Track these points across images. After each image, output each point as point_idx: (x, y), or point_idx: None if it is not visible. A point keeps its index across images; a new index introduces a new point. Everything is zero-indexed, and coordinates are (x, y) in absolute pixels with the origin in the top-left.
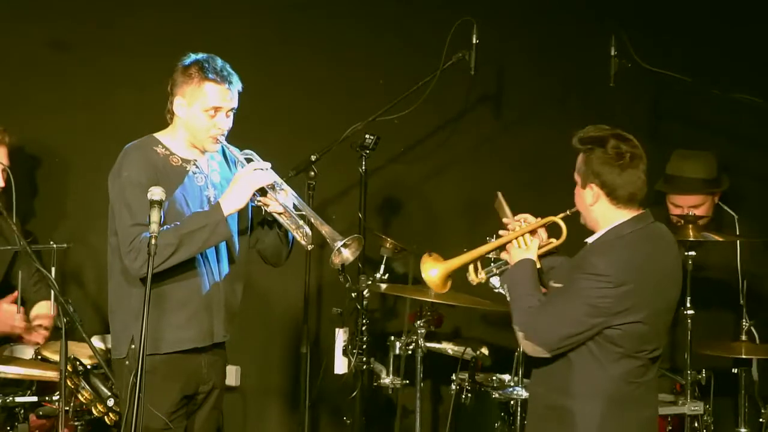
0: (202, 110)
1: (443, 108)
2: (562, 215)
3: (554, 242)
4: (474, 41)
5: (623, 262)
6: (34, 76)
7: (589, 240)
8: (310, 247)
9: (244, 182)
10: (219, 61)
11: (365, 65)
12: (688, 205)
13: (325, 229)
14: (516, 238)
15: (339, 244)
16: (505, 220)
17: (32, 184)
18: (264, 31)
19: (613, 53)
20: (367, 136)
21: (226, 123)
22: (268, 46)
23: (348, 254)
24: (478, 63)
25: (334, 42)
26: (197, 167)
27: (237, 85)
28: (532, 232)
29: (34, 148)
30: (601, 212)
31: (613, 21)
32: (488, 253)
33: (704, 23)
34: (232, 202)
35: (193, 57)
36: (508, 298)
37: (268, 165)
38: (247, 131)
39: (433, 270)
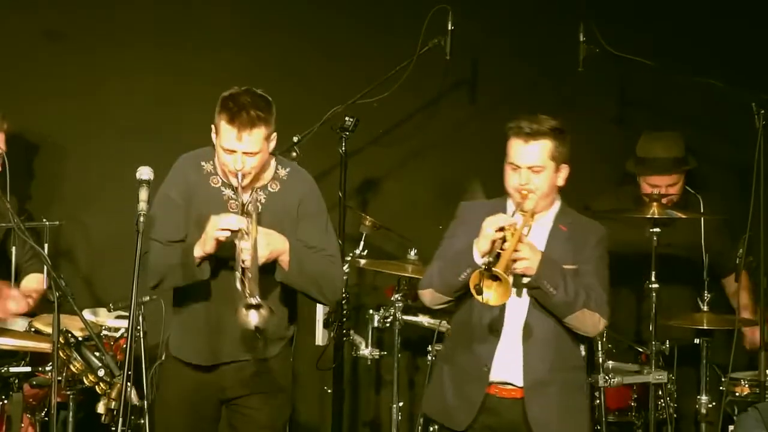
0: (220, 145)
1: (420, 92)
2: (529, 203)
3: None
4: (449, 28)
5: None
6: (30, 65)
7: (550, 219)
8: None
9: (210, 229)
10: (245, 102)
11: (345, 50)
12: (666, 184)
13: (250, 286)
14: (517, 244)
15: (252, 301)
16: (489, 233)
17: (29, 167)
18: (248, 18)
19: (581, 39)
20: (347, 118)
21: (243, 163)
22: (252, 32)
23: (254, 320)
24: (453, 49)
25: (315, 27)
26: (234, 193)
27: (255, 131)
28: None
29: (31, 133)
30: (556, 192)
31: (582, 8)
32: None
33: (670, 9)
34: (201, 247)
35: (235, 89)
36: (555, 296)
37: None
38: None
39: (489, 292)
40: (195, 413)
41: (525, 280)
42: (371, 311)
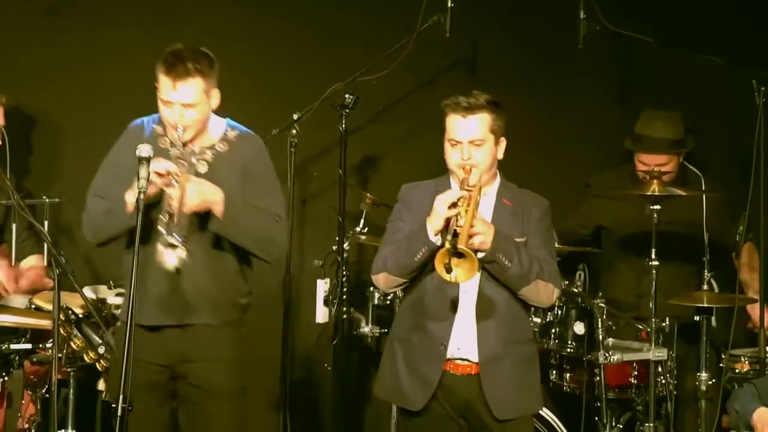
0: (159, 99)
1: (420, 69)
2: (473, 177)
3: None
4: (449, 5)
5: None
6: (29, 42)
7: (493, 194)
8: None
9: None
10: (182, 52)
11: (345, 28)
12: (655, 163)
13: (170, 226)
14: (473, 219)
15: (171, 240)
16: (442, 210)
17: (28, 143)
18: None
19: (582, 16)
20: (347, 96)
21: (180, 116)
22: (252, 9)
23: (171, 259)
24: (452, 26)
25: (315, 4)
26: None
27: (191, 81)
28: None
29: (29, 109)
30: (497, 165)
31: None
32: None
33: None
34: (132, 192)
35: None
36: (510, 269)
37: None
38: (231, 92)
39: (456, 270)
40: (143, 376)
41: (480, 254)
42: (371, 289)
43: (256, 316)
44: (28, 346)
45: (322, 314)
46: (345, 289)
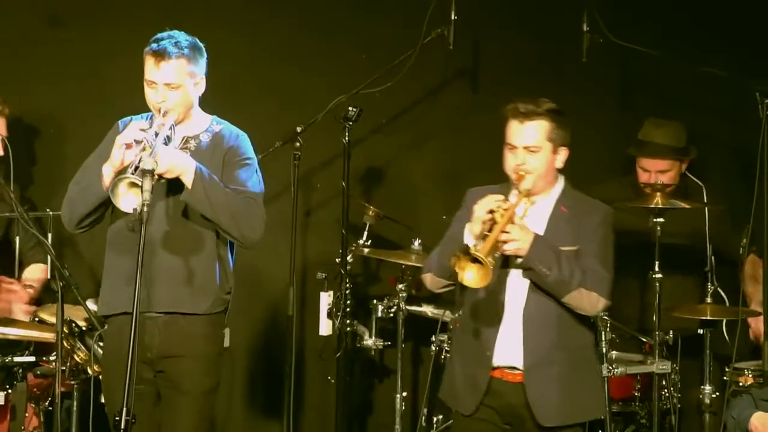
0: (144, 81)
1: (423, 82)
2: (525, 183)
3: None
4: (452, 17)
5: None
6: (31, 49)
7: (551, 201)
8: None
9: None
10: (168, 36)
11: (349, 40)
12: (656, 169)
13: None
14: (506, 225)
15: (133, 179)
16: (480, 215)
17: (31, 153)
18: (252, 9)
19: (585, 29)
20: (350, 108)
21: (164, 97)
22: (255, 22)
23: (131, 200)
24: (456, 38)
25: (319, 17)
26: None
27: (174, 61)
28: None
29: (32, 118)
30: (557, 173)
31: None
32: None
33: None
34: (109, 162)
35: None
36: (548, 276)
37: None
38: (235, 103)
39: (469, 273)
40: (123, 370)
41: (518, 261)
42: (375, 301)
43: (260, 328)
44: (32, 358)
45: (325, 327)
46: (348, 302)
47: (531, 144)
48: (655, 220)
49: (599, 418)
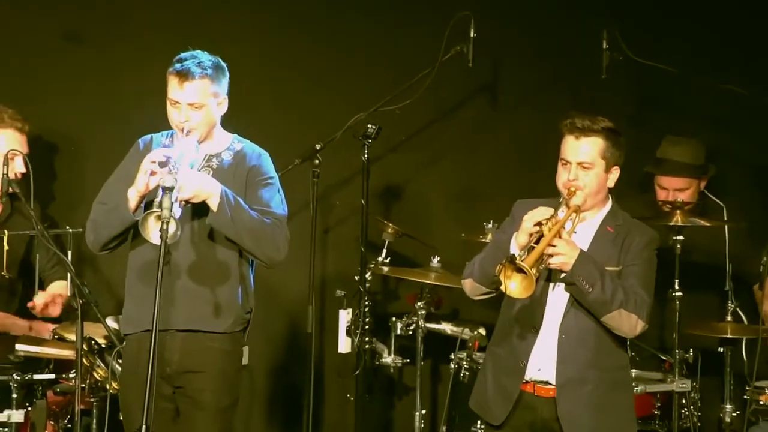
0: (167, 99)
1: (442, 99)
2: (576, 199)
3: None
4: (471, 35)
5: None
6: (49, 67)
7: (598, 220)
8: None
9: (141, 163)
10: (191, 57)
11: (368, 58)
12: (674, 187)
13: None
14: (553, 239)
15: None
16: (527, 227)
17: (50, 170)
18: (270, 26)
19: (605, 46)
20: (369, 125)
21: (187, 116)
22: (274, 41)
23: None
24: (475, 56)
25: (339, 36)
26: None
27: (198, 82)
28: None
29: (51, 136)
30: (608, 192)
31: (604, 14)
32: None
33: (693, 15)
34: (134, 186)
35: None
36: (590, 294)
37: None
38: (255, 121)
39: (513, 283)
40: (143, 386)
41: (562, 275)
42: (394, 319)
43: (280, 345)
44: (52, 376)
45: (344, 344)
46: (367, 320)
47: (585, 160)
48: (675, 237)
49: None
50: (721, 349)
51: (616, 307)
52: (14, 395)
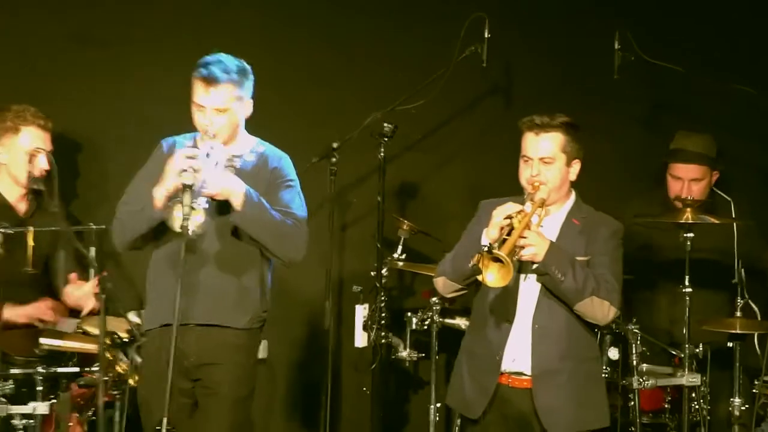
0: (192, 103)
1: (457, 98)
2: (539, 193)
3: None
4: (486, 36)
5: None
6: (71, 68)
7: (564, 213)
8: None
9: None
10: (217, 61)
11: (385, 59)
12: (689, 177)
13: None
14: (523, 230)
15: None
16: (498, 220)
17: (73, 169)
18: (287, 29)
19: (617, 47)
20: (385, 124)
21: (212, 120)
22: (293, 44)
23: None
24: (489, 56)
25: (356, 38)
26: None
27: (223, 87)
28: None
29: (73, 136)
30: (569, 185)
31: (616, 16)
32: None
33: (705, 16)
34: (162, 183)
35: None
36: (563, 282)
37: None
38: (273, 120)
39: (490, 274)
40: (163, 380)
41: (534, 266)
42: (409, 314)
43: (298, 340)
44: (76, 369)
45: (361, 339)
46: (383, 315)
47: (546, 155)
48: (685, 235)
49: (605, 427)
50: (730, 344)
51: (588, 295)
52: (39, 388)
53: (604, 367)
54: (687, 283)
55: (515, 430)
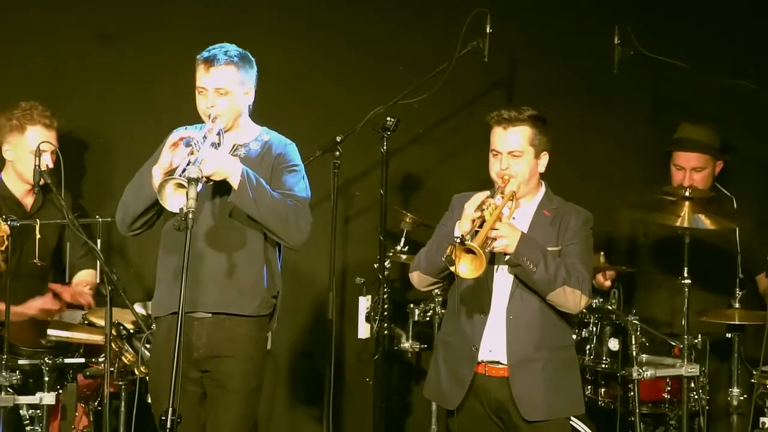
0: (196, 88)
1: (459, 93)
2: (509, 186)
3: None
4: (487, 31)
5: None
6: (81, 65)
7: (534, 205)
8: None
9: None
10: (219, 46)
11: (387, 53)
12: (691, 166)
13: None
14: (495, 222)
15: (181, 180)
16: (469, 213)
17: (81, 167)
18: (295, 26)
19: (616, 42)
20: (388, 118)
21: (213, 102)
22: (299, 40)
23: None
24: (491, 51)
25: (359, 32)
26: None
27: (224, 68)
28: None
29: (83, 134)
30: (539, 177)
31: (616, 11)
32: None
33: (704, 10)
34: (158, 162)
35: None
36: (535, 273)
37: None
38: (276, 113)
39: (463, 265)
40: (170, 370)
41: (506, 257)
42: (412, 305)
43: (302, 331)
44: (82, 360)
45: (363, 330)
46: (386, 306)
47: (515, 149)
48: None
49: (581, 413)
50: (729, 335)
51: (560, 284)
52: (46, 378)
53: (605, 358)
54: (686, 274)
55: (492, 417)
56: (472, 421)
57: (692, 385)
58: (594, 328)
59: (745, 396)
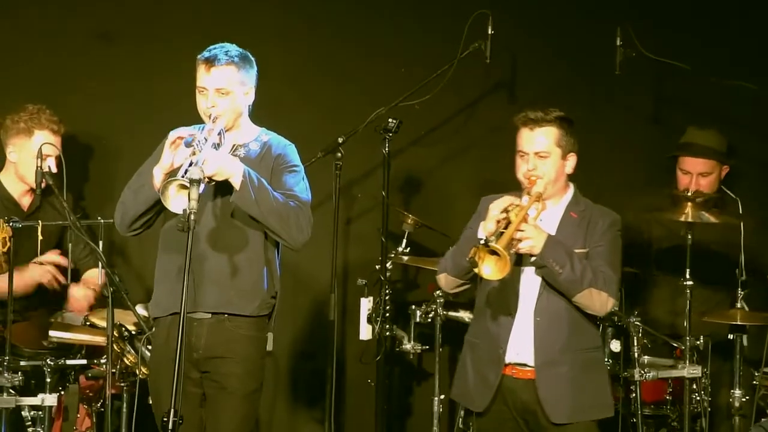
0: (196, 88)
1: (460, 94)
2: (536, 187)
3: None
4: (489, 32)
5: None
6: (83, 67)
7: (562, 207)
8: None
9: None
10: (220, 46)
11: (389, 54)
12: (697, 171)
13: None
14: (520, 224)
15: (184, 182)
16: (494, 214)
17: (83, 167)
18: (294, 22)
19: (618, 43)
20: (390, 120)
21: (214, 102)
22: (300, 40)
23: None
24: (492, 52)
25: (361, 34)
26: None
27: (224, 68)
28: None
29: (84, 134)
30: (567, 179)
31: (618, 12)
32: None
33: (705, 11)
34: (159, 163)
35: None
36: (561, 275)
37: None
38: (277, 114)
39: (487, 266)
40: (170, 371)
41: (532, 259)
42: (413, 307)
43: (303, 332)
44: (84, 361)
45: (365, 332)
46: (388, 308)
47: (541, 150)
48: (687, 229)
49: (609, 417)
50: (731, 336)
51: (586, 286)
52: (48, 380)
53: (606, 359)
54: (688, 276)
55: (518, 419)
56: (497, 423)
57: (694, 386)
58: None
59: (747, 398)
